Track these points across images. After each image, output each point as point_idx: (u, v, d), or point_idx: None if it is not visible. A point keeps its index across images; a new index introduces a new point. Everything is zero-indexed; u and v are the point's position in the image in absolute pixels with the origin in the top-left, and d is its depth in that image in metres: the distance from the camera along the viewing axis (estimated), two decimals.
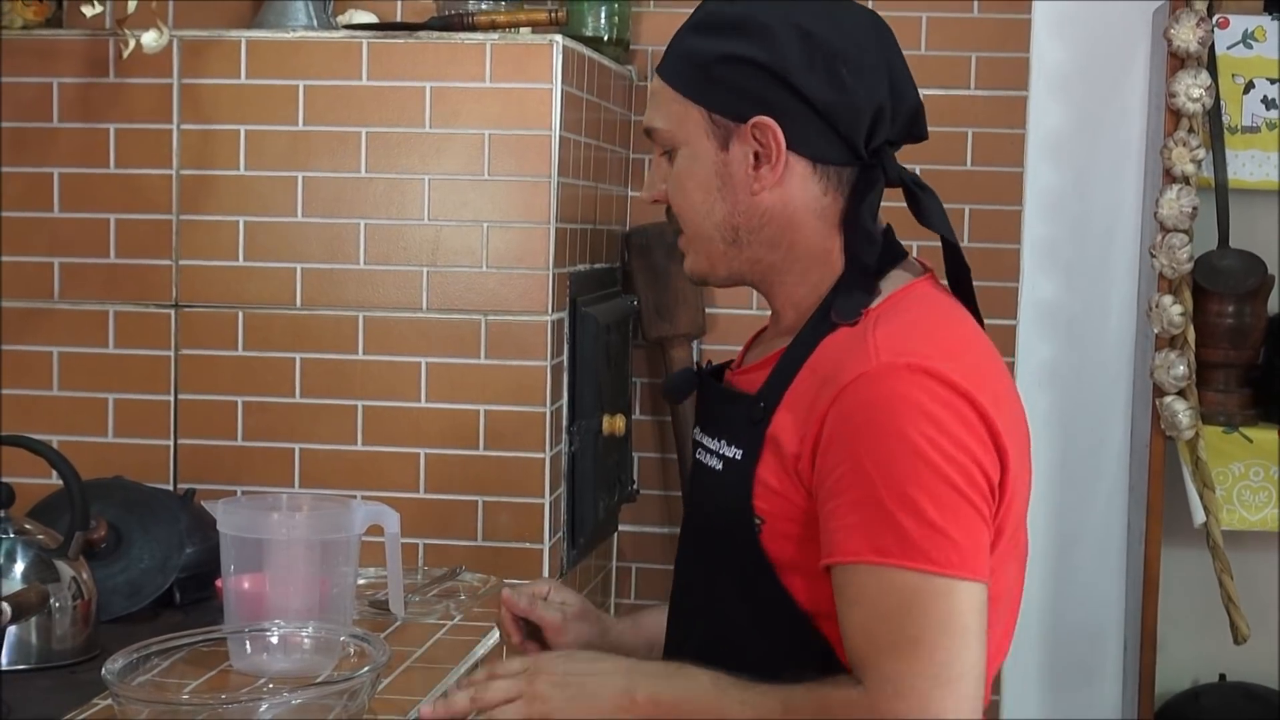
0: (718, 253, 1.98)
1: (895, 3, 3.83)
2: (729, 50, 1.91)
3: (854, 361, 1.82)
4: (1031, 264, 3.93)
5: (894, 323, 1.87)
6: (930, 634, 1.75)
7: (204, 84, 3.02)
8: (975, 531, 1.78)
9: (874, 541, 1.76)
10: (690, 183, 1.96)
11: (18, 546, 2.40)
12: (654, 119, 1.99)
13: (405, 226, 2.99)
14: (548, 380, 2.97)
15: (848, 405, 1.80)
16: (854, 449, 1.78)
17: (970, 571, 1.76)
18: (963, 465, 1.77)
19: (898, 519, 1.75)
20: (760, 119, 1.90)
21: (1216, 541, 3.65)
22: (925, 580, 1.75)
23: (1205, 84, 3.59)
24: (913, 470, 1.76)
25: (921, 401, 1.77)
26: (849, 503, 1.78)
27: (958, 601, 1.76)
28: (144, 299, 3.05)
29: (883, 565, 1.76)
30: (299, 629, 2.26)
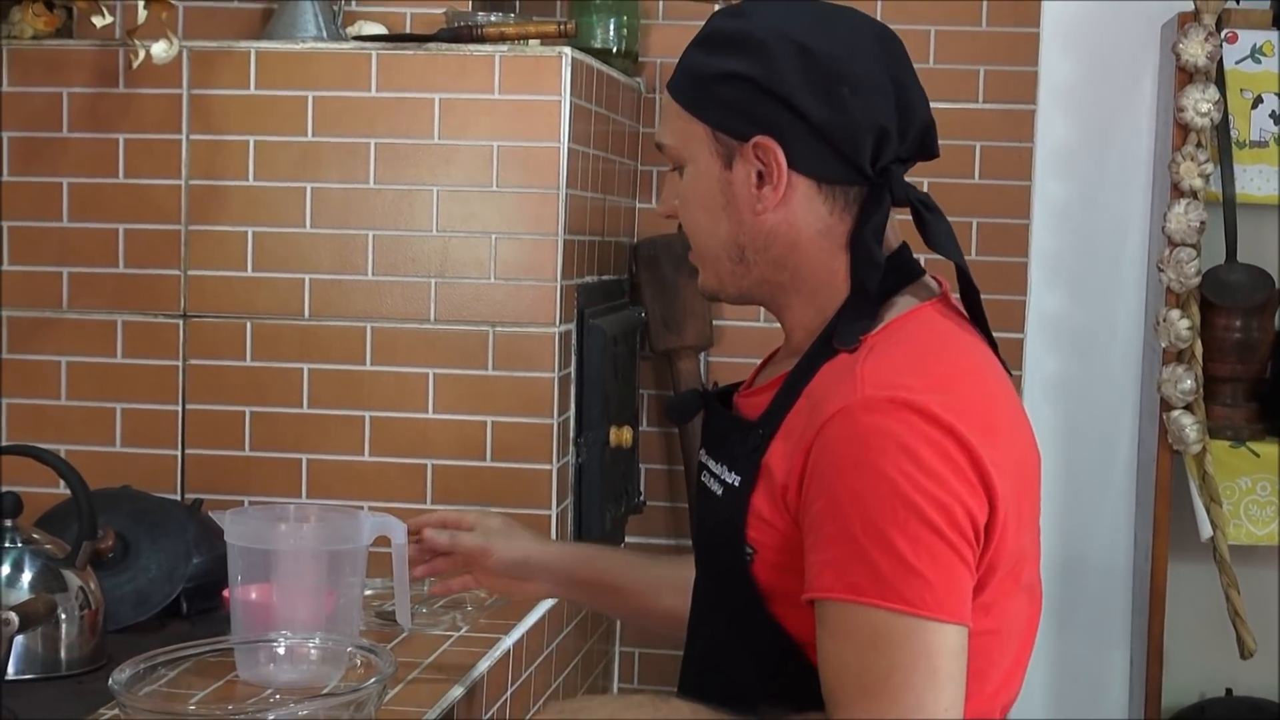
0: (725, 271, 1.96)
1: (903, 16, 3.84)
2: (729, 68, 1.88)
3: (839, 393, 1.79)
4: (1039, 278, 3.93)
5: (888, 353, 1.83)
6: (900, 674, 1.71)
7: (213, 94, 3.02)
8: (953, 572, 1.74)
9: (846, 578, 1.73)
10: (695, 200, 1.95)
11: (25, 556, 2.40)
12: (664, 134, 1.98)
13: (413, 237, 2.99)
14: (555, 392, 2.97)
15: (829, 438, 1.77)
16: (832, 483, 1.75)
17: (945, 613, 1.73)
18: (943, 504, 1.73)
19: (871, 556, 1.72)
20: (761, 139, 1.88)
21: (1223, 556, 3.64)
22: (896, 619, 1.71)
23: (1213, 98, 3.59)
24: (889, 508, 1.72)
25: (903, 437, 1.73)
26: (825, 537, 1.75)
27: (930, 642, 1.72)
28: (152, 309, 3.05)
29: (855, 602, 1.73)
30: (305, 640, 2.26)
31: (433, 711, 2.25)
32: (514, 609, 2.76)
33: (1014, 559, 1.85)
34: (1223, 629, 3.71)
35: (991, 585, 1.81)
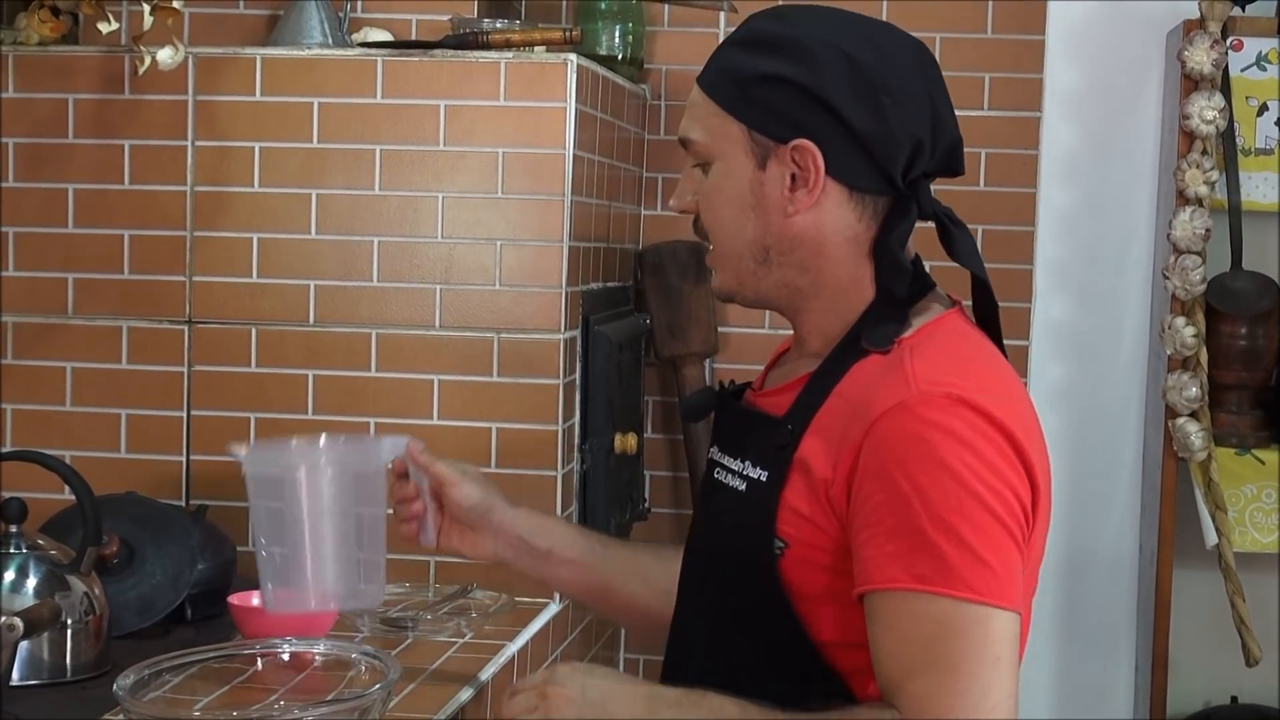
0: (747, 272, 1.97)
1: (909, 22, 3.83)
2: (773, 70, 1.89)
3: (890, 390, 1.82)
4: (1044, 285, 3.93)
5: (929, 353, 1.87)
6: (968, 661, 1.75)
7: (219, 101, 3.02)
8: (1011, 560, 1.79)
9: (913, 569, 1.76)
10: (722, 198, 1.95)
11: (30, 562, 2.41)
12: (691, 130, 1.97)
13: (419, 244, 2.99)
14: (560, 398, 2.97)
15: (885, 433, 1.79)
16: (893, 477, 1.77)
17: (1007, 600, 1.77)
18: (1001, 494, 1.78)
19: (938, 546, 1.75)
20: (801, 142, 1.89)
21: (1228, 563, 3.64)
22: (964, 607, 1.75)
23: (1219, 106, 3.59)
24: (954, 498, 1.76)
25: (960, 431, 1.77)
26: (887, 530, 1.77)
27: (993, 630, 1.76)
28: (157, 315, 3.05)
29: (921, 592, 1.75)
30: (310, 646, 2.26)
31: (437, 717, 2.25)
32: (519, 615, 2.76)
33: (1038, 556, 1.91)
34: (1228, 636, 3.71)
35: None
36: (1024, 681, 3.99)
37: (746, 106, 1.91)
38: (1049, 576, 3.98)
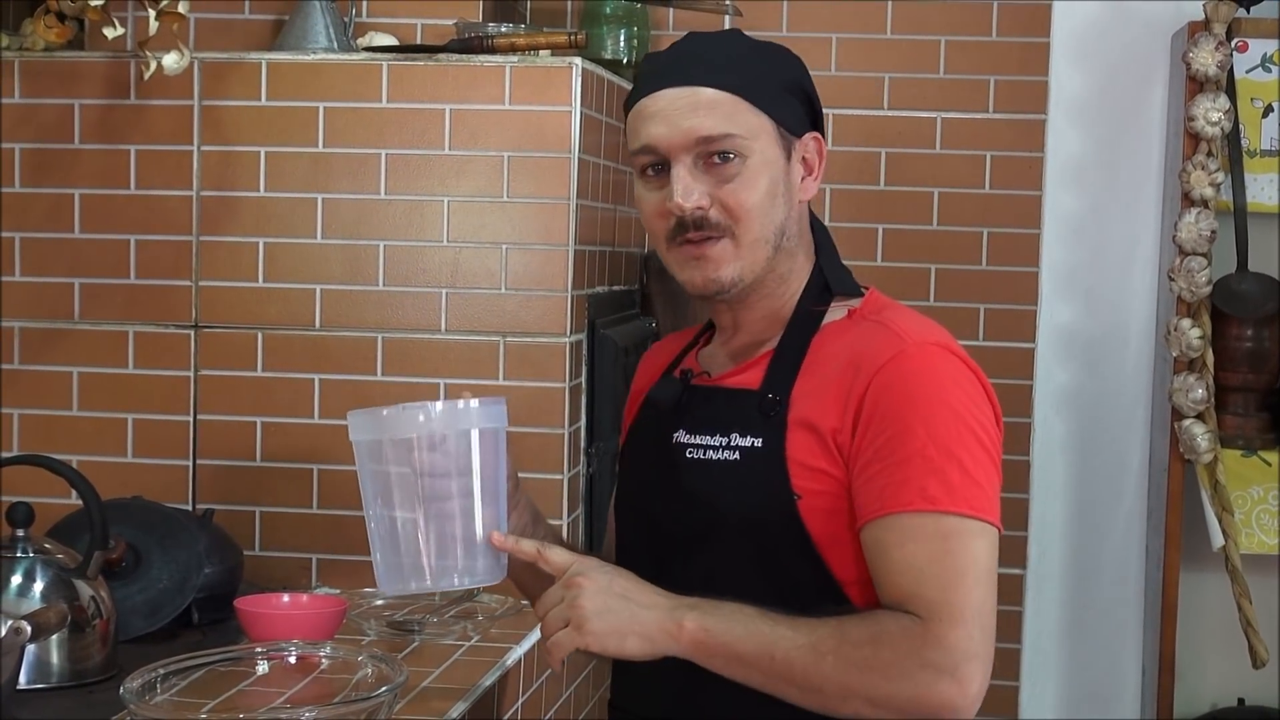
0: (763, 257, 2.11)
1: (914, 26, 3.85)
2: (790, 78, 2.14)
3: (886, 345, 2.03)
4: (1050, 288, 3.93)
5: (899, 318, 2.09)
6: (974, 573, 1.96)
7: (224, 105, 3.03)
8: (996, 485, 2.02)
9: (924, 492, 1.96)
10: (764, 185, 2.09)
11: (37, 566, 2.41)
12: (724, 126, 2.07)
13: (424, 248, 2.99)
14: (566, 402, 2.98)
15: (889, 378, 2.00)
16: (902, 413, 1.98)
17: (995, 519, 2.00)
18: (986, 428, 2.02)
19: (944, 471, 1.96)
20: (815, 134, 2.16)
21: (1235, 565, 3.64)
22: (966, 523, 1.96)
23: (1224, 108, 3.59)
24: (955, 430, 1.98)
25: (953, 374, 2.03)
26: (897, 461, 1.97)
27: (987, 545, 1.99)
28: (164, 319, 3.05)
29: (932, 511, 1.96)
30: (316, 649, 2.26)
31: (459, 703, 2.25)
32: (525, 619, 2.76)
33: None
34: (1234, 638, 3.71)
35: None
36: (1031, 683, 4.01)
37: (777, 105, 2.12)
38: (1056, 579, 3.98)
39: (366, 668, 2.20)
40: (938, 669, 1.92)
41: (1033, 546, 3.94)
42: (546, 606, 1.98)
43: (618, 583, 1.97)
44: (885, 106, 3.88)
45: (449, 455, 2.04)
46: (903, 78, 3.87)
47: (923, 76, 3.87)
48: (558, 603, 1.97)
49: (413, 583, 2.04)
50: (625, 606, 1.95)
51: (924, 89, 3.87)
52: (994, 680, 2.00)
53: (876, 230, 3.85)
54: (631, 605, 1.95)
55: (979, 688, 1.95)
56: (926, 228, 3.88)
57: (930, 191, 3.88)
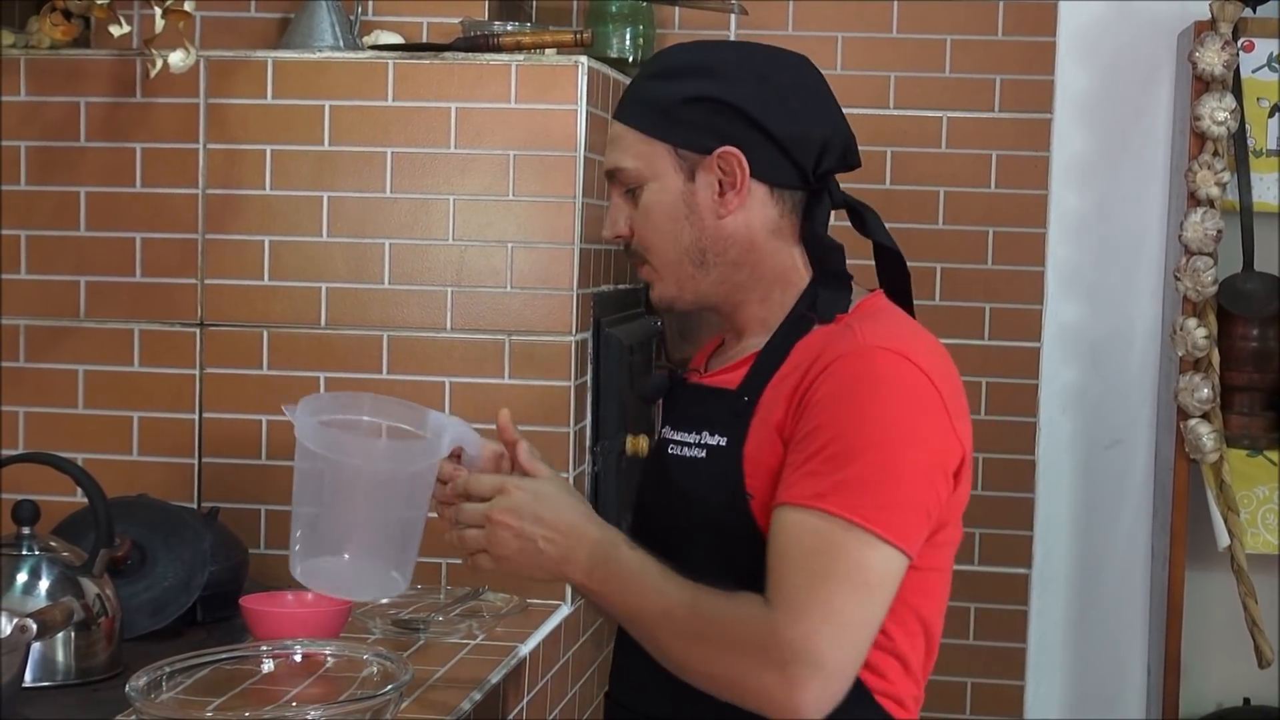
0: (686, 276, 2.17)
1: (919, 25, 3.85)
2: (693, 91, 2.12)
3: (840, 344, 2.03)
4: (1055, 287, 3.93)
5: (873, 322, 2.08)
6: (839, 577, 1.93)
7: (230, 104, 3.03)
8: (911, 507, 1.96)
9: (817, 488, 1.95)
10: (659, 212, 2.15)
11: (42, 564, 2.41)
12: (620, 160, 2.17)
13: (430, 246, 2.99)
14: (571, 400, 2.98)
15: (832, 375, 2.00)
16: (830, 410, 1.98)
17: (895, 538, 1.94)
18: (919, 445, 1.98)
19: (844, 472, 1.94)
20: (726, 149, 2.11)
21: (1240, 565, 3.64)
22: (848, 529, 1.93)
23: (1230, 107, 3.59)
24: (871, 436, 1.95)
25: (897, 380, 1.99)
26: (807, 454, 1.97)
27: (873, 559, 1.94)
28: (169, 318, 3.06)
29: (815, 508, 1.94)
30: (321, 647, 2.26)
31: (449, 719, 2.25)
32: (529, 618, 2.76)
33: (958, 514, 2.09)
34: (1240, 638, 3.71)
35: (943, 531, 2.05)
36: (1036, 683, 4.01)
37: (670, 128, 2.13)
38: (1060, 579, 3.98)
39: (372, 666, 2.21)
40: (766, 660, 1.92)
41: (1038, 546, 3.94)
42: (466, 523, 2.10)
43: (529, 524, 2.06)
44: (890, 105, 3.88)
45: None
46: (908, 77, 3.87)
47: (928, 76, 3.87)
48: (479, 527, 2.08)
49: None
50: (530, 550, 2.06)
51: (929, 88, 3.87)
52: (999, 679, 2.01)
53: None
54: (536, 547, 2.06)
55: (813, 696, 1.91)
56: (932, 227, 3.88)
57: (935, 190, 3.88)
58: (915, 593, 2.03)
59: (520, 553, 2.07)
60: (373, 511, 2.16)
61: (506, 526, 2.07)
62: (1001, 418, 3.87)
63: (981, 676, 3.86)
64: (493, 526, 2.08)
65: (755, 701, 1.95)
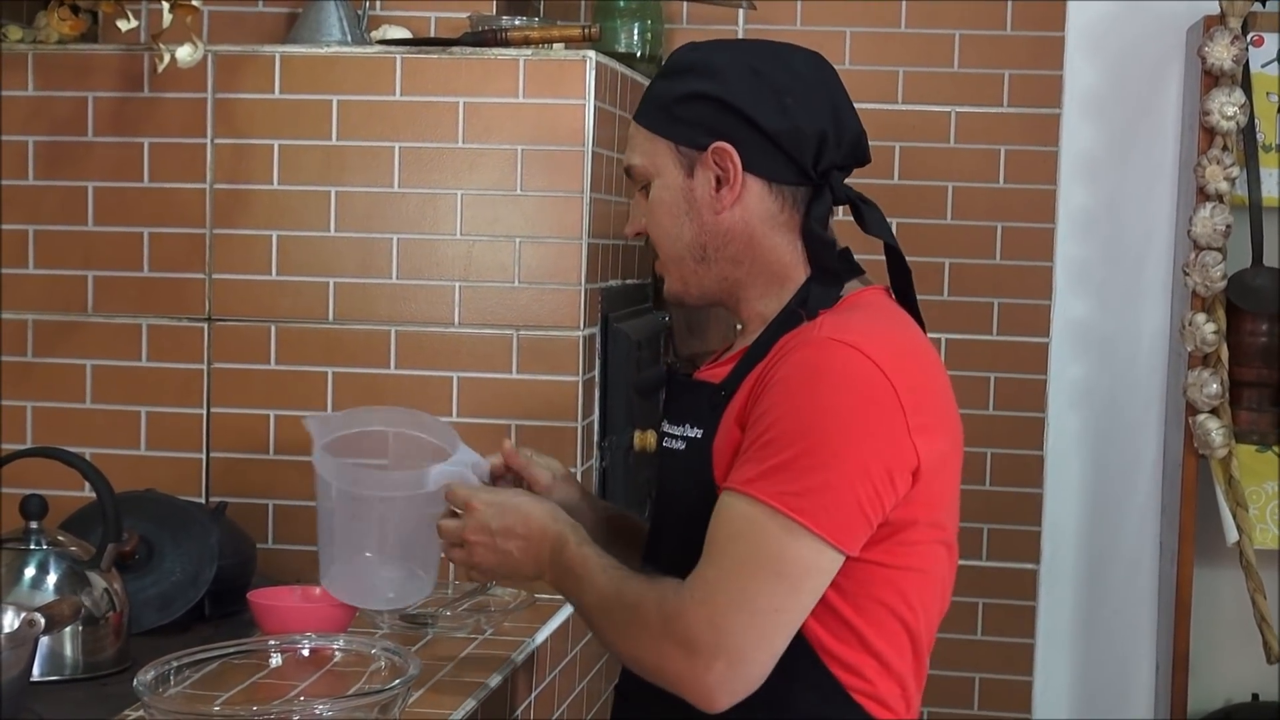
0: (689, 271, 2.20)
1: (927, 20, 3.84)
2: (690, 89, 2.15)
3: (799, 340, 2.05)
4: (1064, 282, 3.93)
5: (845, 314, 2.09)
6: (755, 563, 1.95)
7: (238, 99, 3.03)
8: (841, 501, 1.95)
9: (749, 473, 1.97)
10: (662, 209, 2.19)
11: (50, 558, 2.41)
12: (630, 157, 2.23)
13: (438, 241, 2.99)
14: (579, 395, 2.97)
15: (785, 366, 2.01)
16: (774, 398, 1.99)
17: (820, 529, 1.94)
18: (863, 440, 1.96)
19: (777, 461, 1.95)
20: (719, 144, 2.13)
21: (1249, 560, 3.64)
22: (772, 517, 1.94)
23: (1239, 102, 3.58)
24: (809, 427, 1.96)
25: (845, 373, 1.98)
26: (749, 440, 2.00)
27: (792, 548, 1.95)
28: (177, 312, 3.06)
29: (742, 493, 1.96)
30: (329, 642, 2.26)
31: (457, 713, 2.25)
32: (538, 612, 2.76)
33: (933, 514, 2.06)
34: (1248, 634, 3.70)
35: (913, 531, 2.03)
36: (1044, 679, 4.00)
37: (671, 125, 2.17)
38: (1069, 574, 3.98)
39: (380, 661, 2.21)
40: (674, 640, 1.96)
41: (1046, 542, 3.94)
42: (448, 536, 2.21)
43: (500, 538, 2.17)
44: (899, 101, 3.88)
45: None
46: (917, 72, 3.87)
47: (937, 71, 3.87)
48: (457, 541, 2.20)
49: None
50: (508, 562, 2.17)
51: (938, 83, 3.87)
52: (1008, 675, 2.01)
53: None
54: (512, 559, 2.17)
55: (718, 679, 1.94)
56: (940, 222, 3.88)
57: (944, 186, 3.88)
58: (888, 592, 2.03)
59: (501, 565, 2.19)
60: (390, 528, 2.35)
61: (481, 545, 2.19)
62: (1009, 413, 3.87)
63: (989, 672, 3.86)
64: (469, 546, 2.19)
65: (673, 684, 1.99)
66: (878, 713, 2.06)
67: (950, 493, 2.10)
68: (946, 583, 2.14)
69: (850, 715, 2.04)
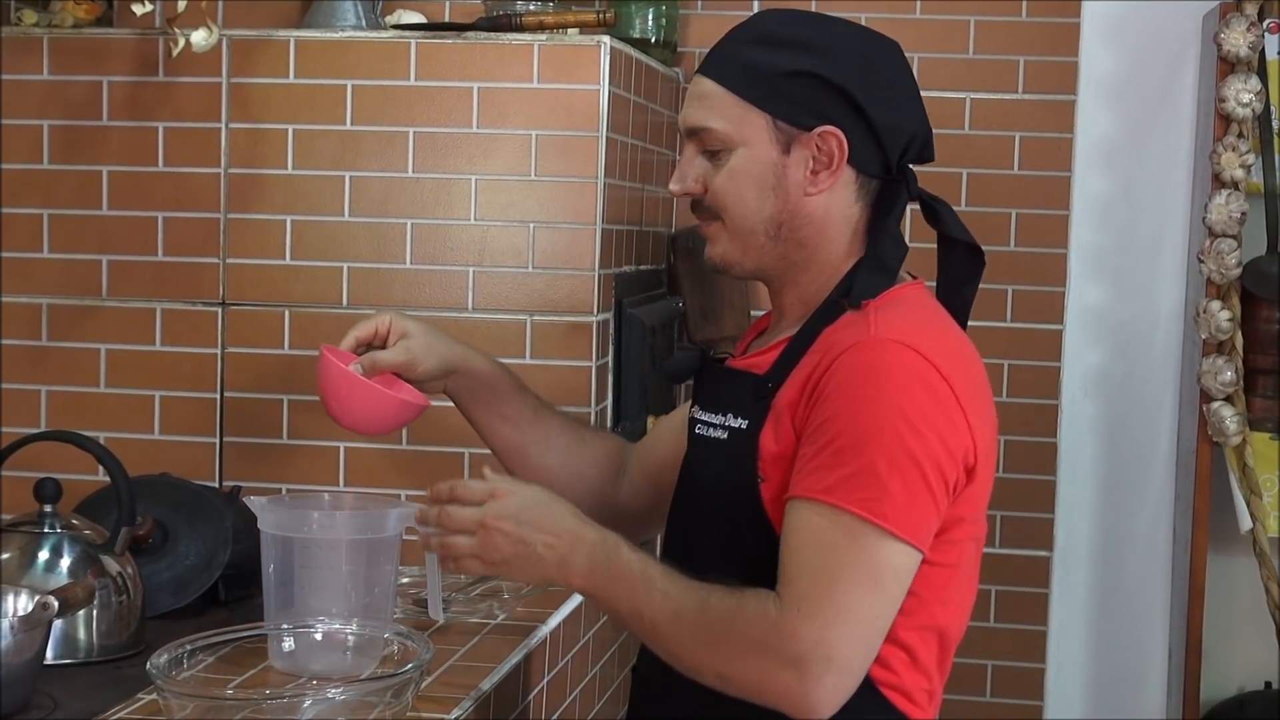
0: (755, 245, 2.15)
1: (943, 6, 3.83)
2: (798, 65, 2.09)
3: (852, 335, 2.03)
4: (1079, 270, 3.92)
5: (891, 312, 2.07)
6: (848, 573, 1.93)
7: (253, 83, 3.03)
8: (919, 500, 1.96)
9: (824, 481, 1.95)
10: (747, 180, 2.12)
11: (65, 542, 2.42)
12: (707, 119, 2.13)
13: (452, 226, 2.99)
14: (593, 381, 2.97)
15: (842, 367, 1.99)
16: (838, 402, 1.97)
17: (904, 532, 1.94)
18: (926, 438, 1.95)
19: (851, 466, 1.94)
20: (829, 129, 2.09)
21: (1263, 548, 3.63)
22: (857, 524, 1.93)
23: (1255, 89, 3.57)
24: (878, 430, 1.94)
25: (905, 373, 1.97)
26: (817, 447, 1.97)
27: (882, 554, 1.94)
28: (191, 297, 3.06)
29: (824, 503, 1.95)
30: (343, 626, 2.27)
31: (469, 698, 2.25)
32: (551, 598, 2.76)
33: (976, 510, 2.08)
34: (1262, 621, 3.70)
35: (959, 528, 2.04)
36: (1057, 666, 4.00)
37: (770, 98, 2.10)
38: (1083, 562, 3.97)
39: (393, 645, 2.21)
40: (781, 658, 1.92)
41: (1060, 529, 3.93)
42: (455, 528, 2.10)
43: (526, 529, 2.07)
44: None
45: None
46: (931, 58, 3.86)
47: (951, 57, 3.86)
48: (469, 533, 2.09)
49: None
50: (528, 555, 2.07)
51: (953, 69, 3.86)
52: (1020, 662, 2.00)
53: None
54: (534, 552, 2.07)
55: (827, 693, 1.93)
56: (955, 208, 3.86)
57: (959, 172, 3.87)
58: (925, 587, 2.02)
59: (516, 557, 2.08)
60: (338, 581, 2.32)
61: (501, 532, 2.08)
62: (1024, 400, 3.86)
63: (1002, 659, 3.86)
64: (486, 532, 2.08)
65: (773, 699, 1.95)
66: (904, 706, 2.06)
67: (990, 489, 2.10)
68: (975, 579, 2.14)
69: (877, 708, 2.04)
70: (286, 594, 2.30)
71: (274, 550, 2.31)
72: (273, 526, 2.32)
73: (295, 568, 2.30)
